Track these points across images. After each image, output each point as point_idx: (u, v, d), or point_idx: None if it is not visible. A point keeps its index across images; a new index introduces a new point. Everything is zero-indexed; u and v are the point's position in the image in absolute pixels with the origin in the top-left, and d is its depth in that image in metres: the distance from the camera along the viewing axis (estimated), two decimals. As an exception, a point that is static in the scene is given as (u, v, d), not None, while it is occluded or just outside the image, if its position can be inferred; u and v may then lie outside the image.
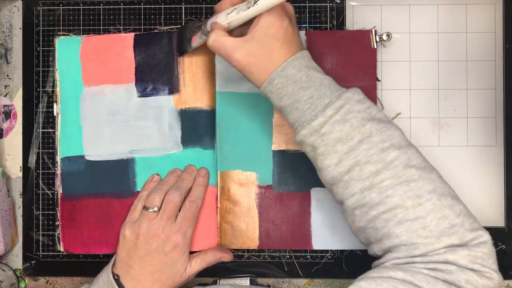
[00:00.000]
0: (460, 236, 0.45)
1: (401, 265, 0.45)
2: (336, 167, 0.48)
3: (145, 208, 0.58)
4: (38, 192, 0.66)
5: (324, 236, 0.63)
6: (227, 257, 0.61)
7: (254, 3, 0.49)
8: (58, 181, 0.64)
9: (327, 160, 0.48)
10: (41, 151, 0.66)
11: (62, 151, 0.64)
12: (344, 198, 0.49)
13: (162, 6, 0.65)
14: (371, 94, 0.63)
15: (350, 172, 0.47)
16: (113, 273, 0.57)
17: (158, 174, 0.63)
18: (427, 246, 0.45)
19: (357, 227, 0.49)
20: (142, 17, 0.66)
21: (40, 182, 0.66)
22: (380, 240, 0.47)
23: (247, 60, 0.50)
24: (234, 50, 0.50)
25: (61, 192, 0.64)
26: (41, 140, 0.66)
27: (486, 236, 0.46)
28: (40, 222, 0.65)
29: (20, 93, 0.67)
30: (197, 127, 0.63)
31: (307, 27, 0.65)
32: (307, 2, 0.65)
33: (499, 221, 0.64)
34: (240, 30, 0.53)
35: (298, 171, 0.63)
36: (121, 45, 0.64)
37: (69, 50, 0.64)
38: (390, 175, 0.46)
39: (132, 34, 0.64)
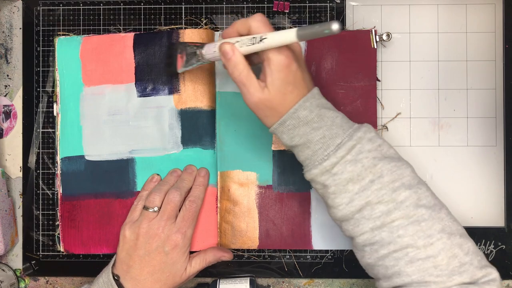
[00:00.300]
0: (471, 274, 0.46)
1: None
2: (347, 206, 0.48)
3: (145, 208, 0.58)
4: (38, 192, 0.66)
5: (324, 236, 0.63)
6: (227, 256, 0.61)
7: (260, 40, 0.48)
8: (58, 181, 0.64)
9: (338, 199, 0.49)
10: (41, 151, 0.66)
11: (62, 151, 0.64)
12: (354, 236, 0.49)
13: (162, 6, 0.65)
14: (371, 94, 0.63)
15: (361, 211, 0.48)
16: (113, 273, 0.57)
17: (158, 174, 0.63)
18: (438, 285, 0.45)
19: (366, 263, 0.50)
20: (142, 17, 0.66)
21: (40, 182, 0.66)
22: (389, 277, 0.48)
23: (264, 105, 0.49)
24: (254, 94, 0.49)
25: (61, 192, 0.64)
26: (41, 140, 0.66)
27: (495, 273, 0.47)
28: (40, 222, 0.65)
29: (20, 93, 0.67)
30: (197, 127, 0.63)
31: (307, 27, 0.65)
32: (307, 2, 0.65)
33: (499, 221, 0.64)
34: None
35: (298, 171, 0.63)
36: (121, 45, 0.64)
37: (69, 50, 0.64)
38: (401, 215, 0.47)
39: (132, 34, 0.64)
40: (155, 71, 0.64)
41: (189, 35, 0.63)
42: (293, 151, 0.52)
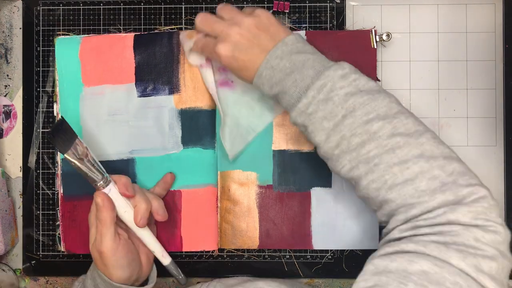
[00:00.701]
0: (454, 192, 0.45)
1: (409, 237, 0.45)
2: (326, 143, 0.50)
3: None
4: (38, 192, 0.66)
5: (324, 236, 0.63)
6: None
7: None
8: (58, 181, 0.64)
9: (317, 137, 0.50)
10: (41, 151, 0.66)
11: (62, 151, 0.64)
12: (337, 171, 0.51)
13: (162, 6, 0.65)
14: (371, 94, 0.63)
15: (339, 146, 0.49)
16: None
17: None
18: (422, 204, 0.45)
19: (359, 196, 0.51)
20: (142, 17, 0.66)
21: (40, 182, 0.66)
22: (380, 206, 0.49)
23: (233, 64, 0.54)
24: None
25: (61, 192, 0.64)
26: (41, 140, 0.66)
27: (484, 191, 0.46)
28: (40, 222, 0.65)
29: (20, 93, 0.67)
30: (198, 127, 0.63)
31: (307, 27, 0.65)
32: (307, 2, 0.65)
33: (499, 221, 0.64)
34: None
35: (298, 171, 0.63)
36: (121, 45, 0.64)
37: (68, 50, 0.64)
38: (375, 145, 0.47)
39: (132, 34, 0.64)
40: (155, 71, 0.64)
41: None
42: (279, 102, 0.54)
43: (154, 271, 0.61)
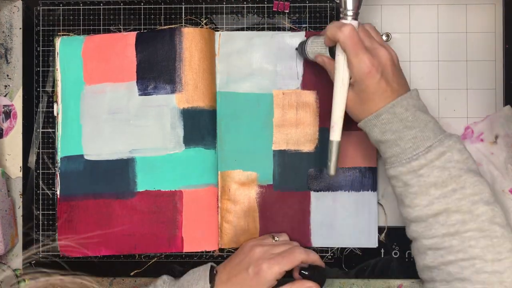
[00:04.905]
0: None
1: None
2: (425, 209, 0.50)
3: (272, 235, 0.62)
4: (38, 192, 0.66)
5: (323, 234, 0.63)
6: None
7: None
8: (57, 181, 0.64)
9: (417, 199, 0.50)
10: (41, 151, 0.66)
11: (62, 150, 0.64)
12: (421, 238, 0.51)
13: (162, 6, 0.66)
14: (371, 94, 0.63)
15: (437, 216, 0.49)
16: (213, 267, 0.59)
17: None
18: None
19: (425, 265, 0.51)
20: (142, 17, 0.66)
21: (40, 182, 0.66)
22: (449, 282, 0.49)
23: (351, 103, 0.53)
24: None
25: (58, 192, 0.64)
26: (41, 140, 0.66)
27: None
28: (40, 222, 0.65)
29: (20, 93, 0.67)
30: (199, 127, 0.63)
31: (307, 27, 0.65)
32: (307, 2, 0.65)
33: (499, 221, 0.64)
34: None
35: (298, 171, 0.63)
36: (123, 43, 0.64)
37: (71, 48, 0.64)
38: (476, 227, 0.48)
39: (134, 32, 0.64)
40: (157, 70, 0.63)
41: (191, 34, 0.63)
42: (379, 147, 0.53)
43: None
